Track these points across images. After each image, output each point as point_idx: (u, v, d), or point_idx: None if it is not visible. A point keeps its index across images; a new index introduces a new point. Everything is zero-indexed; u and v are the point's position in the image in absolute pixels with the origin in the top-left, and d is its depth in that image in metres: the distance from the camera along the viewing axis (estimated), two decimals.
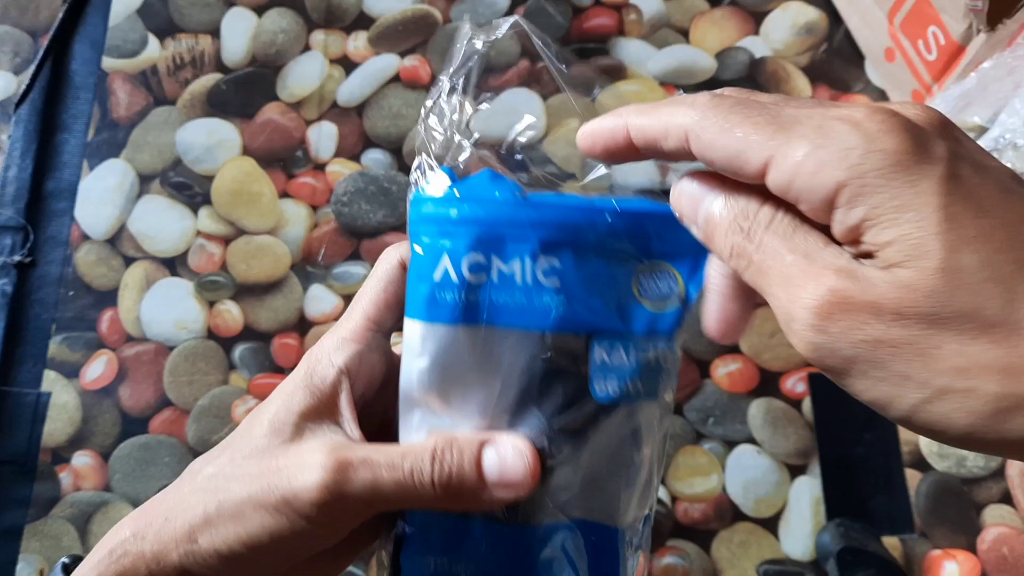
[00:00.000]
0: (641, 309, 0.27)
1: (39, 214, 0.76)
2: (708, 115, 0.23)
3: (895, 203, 0.20)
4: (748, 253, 0.22)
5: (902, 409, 0.20)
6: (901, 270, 0.19)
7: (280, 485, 0.25)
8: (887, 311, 0.19)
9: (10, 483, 0.68)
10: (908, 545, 0.68)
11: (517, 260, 0.27)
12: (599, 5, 0.84)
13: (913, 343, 0.19)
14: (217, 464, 0.27)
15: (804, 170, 0.20)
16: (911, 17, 0.73)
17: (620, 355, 0.27)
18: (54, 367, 0.71)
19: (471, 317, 0.27)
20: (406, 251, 0.29)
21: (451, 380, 0.27)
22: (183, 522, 0.26)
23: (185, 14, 0.83)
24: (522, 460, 0.26)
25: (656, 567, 0.67)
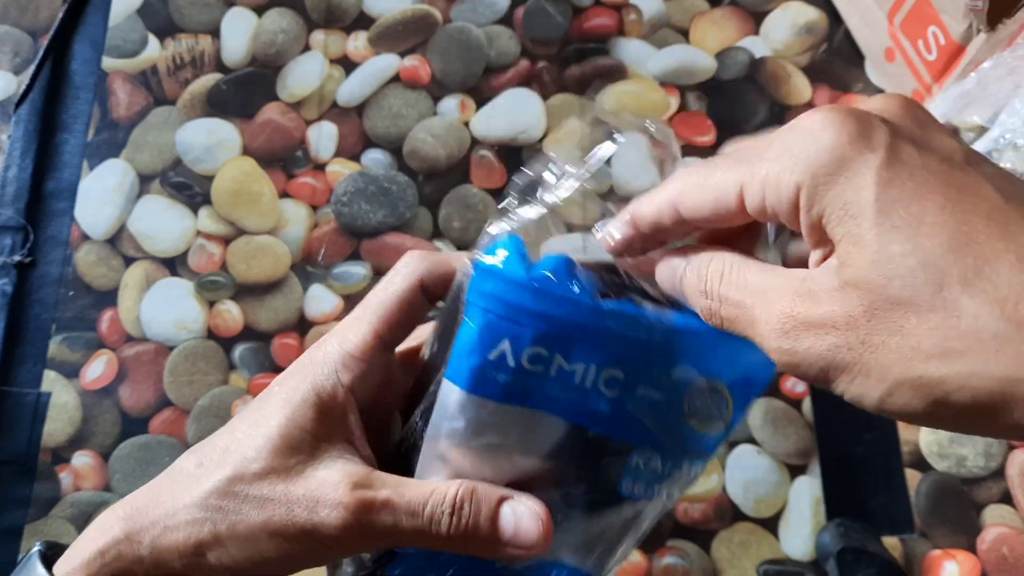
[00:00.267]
0: (688, 429, 0.28)
1: (39, 214, 0.76)
2: (685, 182, 0.24)
3: (841, 200, 0.21)
4: (716, 311, 0.24)
5: (872, 403, 0.21)
6: (847, 268, 0.20)
7: (301, 517, 0.25)
8: (838, 316, 0.20)
9: (10, 483, 0.68)
10: (908, 545, 0.68)
11: (582, 364, 0.26)
12: (599, 5, 0.84)
13: (864, 341, 0.20)
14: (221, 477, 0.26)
15: (769, 185, 0.22)
16: (911, 17, 0.73)
17: (656, 464, 0.28)
18: (54, 367, 0.71)
19: (519, 400, 0.27)
20: (427, 267, 0.28)
21: (482, 446, 0.27)
22: (187, 535, 0.25)
23: (185, 14, 0.83)
24: (537, 523, 0.26)
25: (656, 567, 0.67)
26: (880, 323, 0.20)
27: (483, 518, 0.26)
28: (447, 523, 0.26)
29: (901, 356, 0.20)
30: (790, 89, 0.81)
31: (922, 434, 0.71)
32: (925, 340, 0.19)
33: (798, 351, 0.21)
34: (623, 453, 0.28)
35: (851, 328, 0.20)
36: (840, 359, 0.21)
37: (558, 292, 0.26)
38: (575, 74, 0.81)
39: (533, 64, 0.82)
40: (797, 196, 0.21)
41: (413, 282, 0.28)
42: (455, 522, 0.26)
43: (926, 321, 0.19)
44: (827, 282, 0.21)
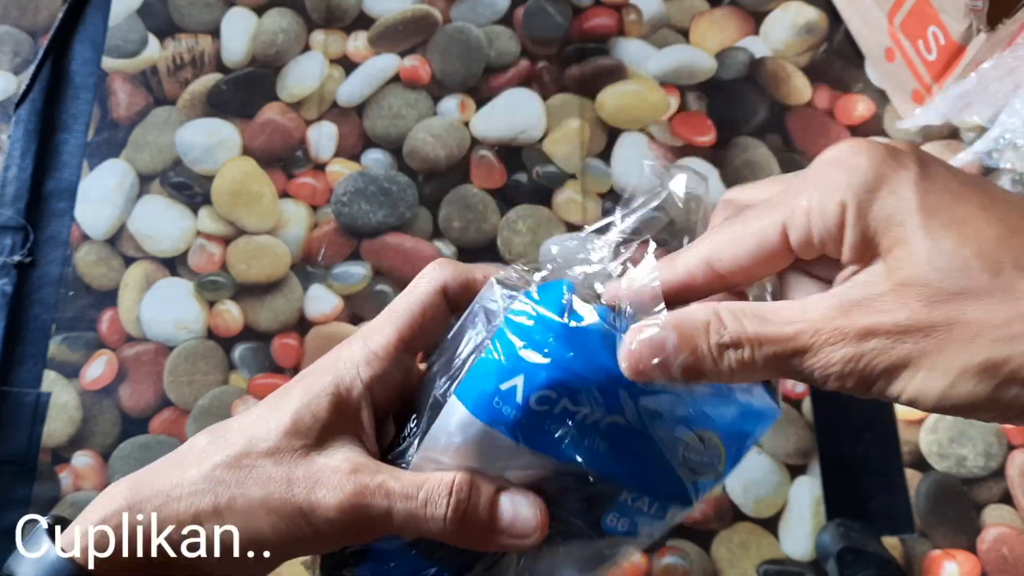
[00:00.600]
0: (679, 478, 0.28)
1: (39, 214, 0.76)
2: (719, 238, 0.25)
3: (886, 211, 0.22)
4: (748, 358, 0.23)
5: (933, 398, 0.21)
6: (899, 271, 0.22)
7: (299, 496, 0.26)
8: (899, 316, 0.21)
9: (10, 483, 0.68)
10: (908, 545, 0.68)
11: (587, 408, 0.27)
12: (599, 5, 0.84)
13: (927, 335, 0.21)
14: (231, 452, 0.27)
15: (814, 212, 0.23)
16: (911, 17, 0.73)
17: (643, 504, 0.28)
18: (54, 367, 0.71)
19: (519, 436, 0.27)
20: (451, 275, 0.29)
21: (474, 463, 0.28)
22: (189, 505, 0.26)
23: (185, 14, 0.83)
24: (534, 512, 0.27)
25: (656, 567, 0.67)
26: (941, 314, 0.21)
27: (482, 504, 0.27)
28: (444, 507, 0.26)
29: (965, 343, 0.21)
30: (790, 89, 0.81)
31: (922, 434, 0.71)
32: (987, 324, 0.20)
33: (862, 355, 0.22)
34: (613, 491, 0.28)
35: (912, 324, 0.21)
36: (903, 356, 0.21)
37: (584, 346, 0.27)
38: (575, 74, 0.81)
39: (533, 64, 0.82)
40: (843, 217, 0.22)
41: (436, 287, 0.29)
42: (453, 505, 0.26)
43: (986, 306, 0.20)
44: (877, 288, 0.22)
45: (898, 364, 0.22)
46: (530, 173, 0.78)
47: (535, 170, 0.78)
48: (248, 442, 0.27)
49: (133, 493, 0.26)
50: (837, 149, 0.24)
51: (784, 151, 0.79)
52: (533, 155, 0.78)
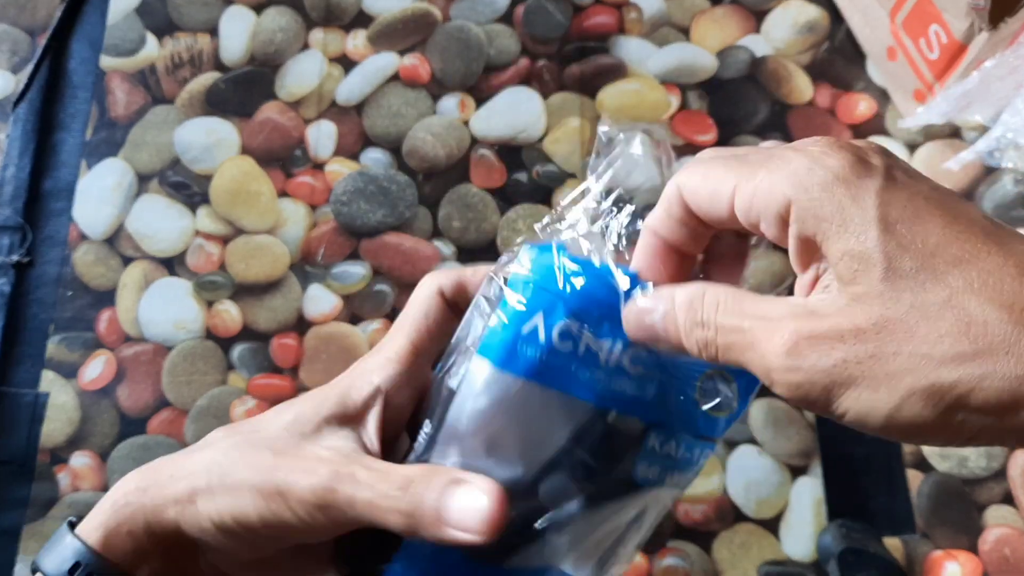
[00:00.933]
0: (700, 412, 0.29)
1: (37, 213, 0.76)
2: (689, 171, 0.26)
3: (840, 217, 0.22)
4: (712, 340, 0.24)
5: (879, 420, 0.21)
6: (853, 286, 0.21)
7: (278, 478, 0.27)
8: (846, 330, 0.21)
9: (8, 483, 0.68)
10: (910, 546, 0.68)
11: (609, 340, 0.28)
12: (599, 3, 0.84)
13: (874, 353, 0.21)
14: (234, 440, 0.29)
15: (760, 191, 0.23)
16: (913, 16, 0.73)
17: (671, 447, 0.29)
18: (52, 367, 0.71)
19: (545, 378, 0.27)
20: (444, 278, 0.31)
21: (502, 428, 0.28)
22: (186, 484, 0.28)
23: (183, 13, 0.83)
24: (481, 512, 0.26)
25: (657, 568, 0.67)
26: (891, 334, 0.21)
27: (430, 499, 0.26)
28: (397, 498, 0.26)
29: (913, 364, 0.20)
30: (791, 88, 0.81)
31: None
32: (937, 346, 0.20)
33: (802, 368, 0.22)
34: (640, 436, 0.28)
35: (860, 340, 0.21)
36: (847, 373, 0.21)
37: (597, 271, 0.28)
38: (575, 73, 0.81)
39: (533, 63, 0.81)
40: (786, 209, 0.22)
41: (434, 291, 0.31)
42: (406, 499, 0.26)
43: (937, 328, 0.20)
44: (832, 301, 0.22)
45: (840, 382, 0.21)
46: (530, 172, 0.78)
47: (535, 169, 0.78)
48: (251, 432, 0.29)
49: (143, 477, 0.29)
50: (811, 141, 0.24)
51: None
52: (533, 154, 0.78)
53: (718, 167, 0.25)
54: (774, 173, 0.23)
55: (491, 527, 0.26)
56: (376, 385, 0.29)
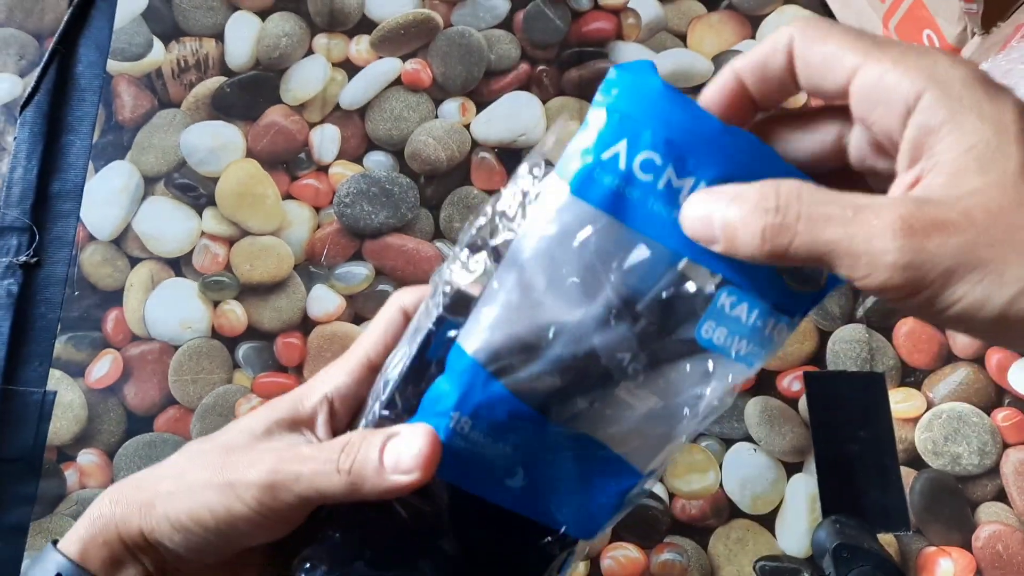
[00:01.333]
0: (781, 283, 0.26)
1: (45, 215, 0.76)
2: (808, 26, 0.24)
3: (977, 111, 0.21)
4: (788, 227, 0.22)
5: (996, 307, 0.20)
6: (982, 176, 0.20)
7: (228, 472, 0.28)
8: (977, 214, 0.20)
9: (16, 481, 0.69)
10: (903, 542, 0.68)
11: (691, 179, 0.25)
12: (598, 9, 0.85)
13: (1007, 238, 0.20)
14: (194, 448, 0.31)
15: (889, 76, 0.22)
16: (906, 20, 0.74)
17: (742, 310, 0.26)
18: (60, 366, 0.72)
19: (620, 212, 0.26)
20: (408, 296, 0.32)
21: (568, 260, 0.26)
22: (151, 492, 0.29)
23: (189, 18, 0.84)
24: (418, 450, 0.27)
25: (654, 563, 0.68)
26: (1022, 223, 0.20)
27: (372, 454, 0.28)
28: (337, 459, 0.28)
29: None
30: None
31: (917, 432, 0.71)
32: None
33: (925, 249, 0.20)
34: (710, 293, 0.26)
35: (993, 224, 0.20)
36: (973, 257, 0.20)
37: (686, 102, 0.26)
38: (574, 77, 0.82)
39: (533, 67, 0.83)
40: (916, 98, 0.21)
41: (396, 309, 0.32)
42: (347, 459, 0.28)
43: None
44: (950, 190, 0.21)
45: (964, 265, 0.20)
46: None
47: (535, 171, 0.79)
48: (210, 439, 0.31)
49: (115, 490, 0.30)
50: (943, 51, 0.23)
51: None
52: None
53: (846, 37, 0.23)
54: (908, 61, 0.22)
55: (427, 464, 0.27)
56: (325, 393, 0.31)
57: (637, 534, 0.68)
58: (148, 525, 0.29)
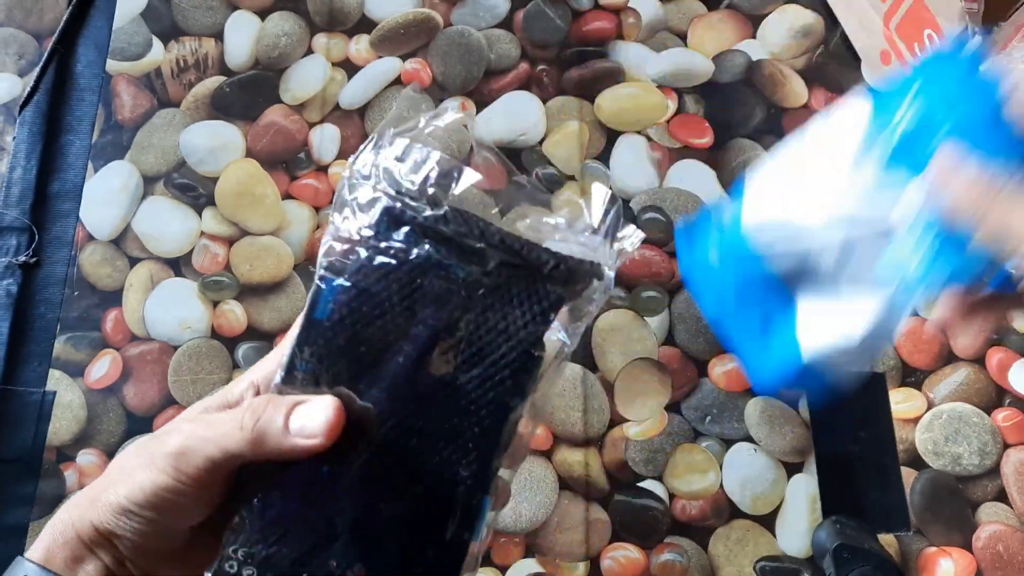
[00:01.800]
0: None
1: (44, 215, 0.76)
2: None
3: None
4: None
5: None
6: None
7: (154, 449, 0.30)
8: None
9: (15, 481, 0.69)
10: (904, 542, 0.68)
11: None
12: (598, 8, 0.85)
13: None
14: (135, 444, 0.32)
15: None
16: (907, 20, 0.74)
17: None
18: (59, 366, 0.72)
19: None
20: None
21: None
22: (98, 488, 0.31)
23: (188, 17, 0.84)
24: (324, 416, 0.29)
25: (654, 564, 0.68)
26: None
27: (276, 414, 0.30)
28: (243, 419, 0.29)
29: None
30: (787, 92, 0.82)
31: (917, 432, 0.71)
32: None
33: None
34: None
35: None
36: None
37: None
38: (574, 77, 0.82)
39: (533, 67, 0.82)
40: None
41: None
42: (251, 417, 0.29)
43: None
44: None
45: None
46: (530, 175, 0.79)
47: (535, 172, 0.79)
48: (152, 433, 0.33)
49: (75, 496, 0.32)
50: None
51: None
52: (533, 157, 0.79)
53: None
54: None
55: (331, 432, 0.29)
56: (251, 380, 0.33)
57: (637, 534, 0.68)
58: (97, 517, 0.31)
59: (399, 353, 0.29)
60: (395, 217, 0.30)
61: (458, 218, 0.29)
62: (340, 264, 0.30)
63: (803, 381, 0.35)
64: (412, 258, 0.29)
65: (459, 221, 0.29)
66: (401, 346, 0.29)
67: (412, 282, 0.29)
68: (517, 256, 0.29)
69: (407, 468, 0.30)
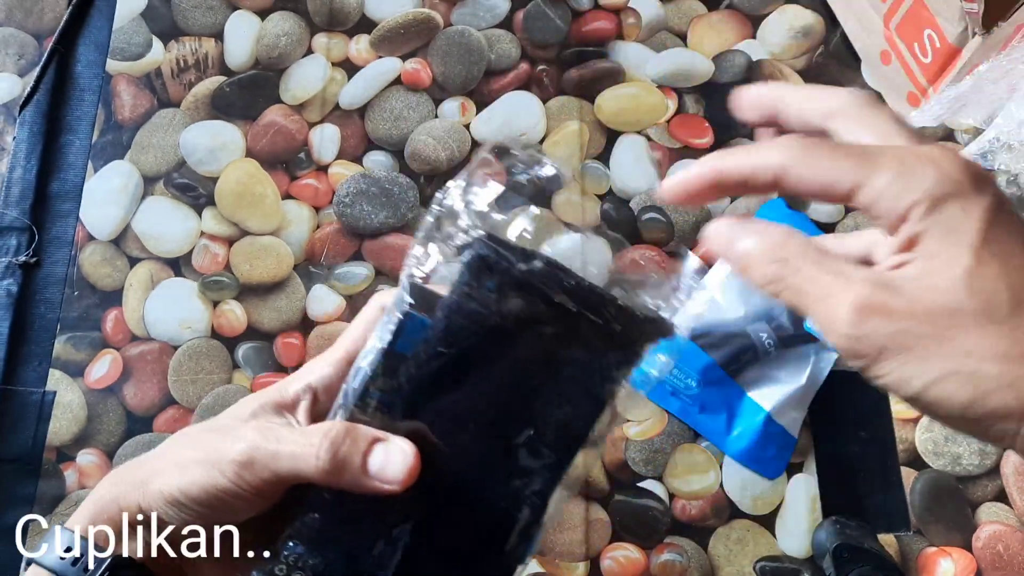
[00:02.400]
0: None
1: (44, 215, 0.76)
2: (798, 154, 0.27)
3: (949, 224, 0.25)
4: (784, 278, 0.26)
5: (914, 387, 0.24)
6: (939, 275, 0.24)
7: (213, 449, 0.30)
8: (919, 311, 0.24)
9: (15, 481, 0.69)
10: (904, 542, 0.68)
11: None
12: (598, 8, 0.85)
13: (935, 334, 0.24)
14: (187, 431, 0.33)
15: (889, 193, 0.25)
16: (907, 20, 0.74)
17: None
18: (59, 366, 0.72)
19: None
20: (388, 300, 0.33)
21: None
22: (147, 471, 0.31)
23: (188, 17, 0.84)
24: (404, 462, 0.29)
25: (654, 564, 0.68)
26: (955, 322, 0.24)
27: (355, 450, 0.30)
28: (319, 448, 0.29)
29: (965, 351, 0.23)
30: None
31: (917, 432, 0.71)
32: (991, 344, 0.23)
33: (865, 328, 0.24)
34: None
35: (926, 320, 0.24)
36: (902, 343, 0.24)
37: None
38: (574, 77, 0.82)
39: (533, 67, 0.82)
40: (908, 210, 0.25)
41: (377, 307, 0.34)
42: (327, 447, 0.29)
43: (997, 331, 0.23)
44: (912, 280, 0.25)
45: (894, 348, 0.24)
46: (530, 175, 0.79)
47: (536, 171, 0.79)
48: (203, 423, 0.33)
49: (116, 472, 0.33)
50: (930, 148, 0.26)
51: None
52: None
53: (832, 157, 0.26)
54: (903, 178, 0.25)
55: (408, 479, 0.29)
56: (308, 383, 0.33)
57: (637, 535, 0.68)
58: (146, 501, 0.31)
59: (475, 394, 0.30)
60: (489, 265, 0.30)
61: (550, 273, 0.30)
62: (425, 300, 0.30)
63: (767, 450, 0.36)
64: (500, 308, 0.30)
65: (551, 276, 0.30)
66: (478, 387, 0.30)
67: (497, 330, 0.30)
68: (602, 315, 0.30)
69: (467, 499, 0.31)
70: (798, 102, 0.30)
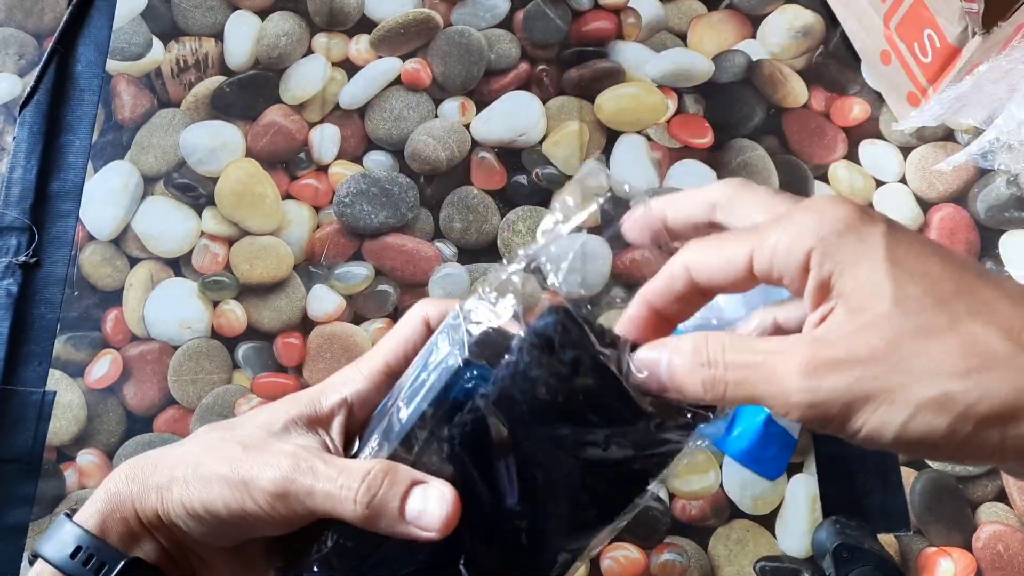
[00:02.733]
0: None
1: (44, 215, 0.76)
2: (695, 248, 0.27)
3: (852, 257, 0.24)
4: (720, 378, 0.26)
5: (893, 431, 0.23)
6: (864, 313, 0.23)
7: (244, 468, 0.29)
8: (862, 352, 0.23)
9: (15, 481, 0.69)
10: (904, 543, 0.68)
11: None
12: (598, 8, 0.85)
13: (888, 369, 0.23)
14: (211, 436, 0.31)
15: (779, 249, 0.25)
16: (907, 20, 0.74)
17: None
18: (59, 366, 0.72)
19: None
20: (433, 308, 0.33)
21: None
22: (167, 474, 0.30)
23: (188, 17, 0.84)
24: (442, 510, 0.28)
25: (654, 564, 0.68)
26: (903, 351, 0.23)
27: (393, 493, 0.29)
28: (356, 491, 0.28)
29: (926, 376, 0.23)
30: (787, 92, 0.82)
31: None
32: (946, 361, 0.22)
33: (822, 388, 0.23)
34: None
35: (875, 360, 0.23)
36: (864, 389, 0.23)
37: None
38: (574, 77, 0.82)
39: (533, 67, 0.82)
40: (807, 259, 0.25)
41: (420, 319, 0.33)
42: (363, 490, 0.28)
43: (945, 345, 0.23)
44: (843, 329, 0.24)
45: (858, 398, 0.23)
46: (530, 175, 0.79)
47: (535, 172, 0.79)
48: (228, 428, 0.32)
49: (131, 467, 0.31)
50: (814, 201, 0.26)
51: (780, 153, 0.80)
52: (533, 157, 0.79)
53: (727, 240, 0.27)
54: (788, 231, 0.25)
55: (447, 527, 0.28)
56: (344, 396, 0.32)
57: (637, 535, 0.68)
58: (164, 508, 0.30)
59: (526, 455, 0.29)
60: (571, 341, 0.28)
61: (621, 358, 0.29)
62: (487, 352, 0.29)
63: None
64: (569, 383, 0.28)
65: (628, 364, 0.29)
66: (528, 450, 0.29)
67: (560, 404, 0.28)
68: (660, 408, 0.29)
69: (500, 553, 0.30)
70: (676, 209, 0.29)
